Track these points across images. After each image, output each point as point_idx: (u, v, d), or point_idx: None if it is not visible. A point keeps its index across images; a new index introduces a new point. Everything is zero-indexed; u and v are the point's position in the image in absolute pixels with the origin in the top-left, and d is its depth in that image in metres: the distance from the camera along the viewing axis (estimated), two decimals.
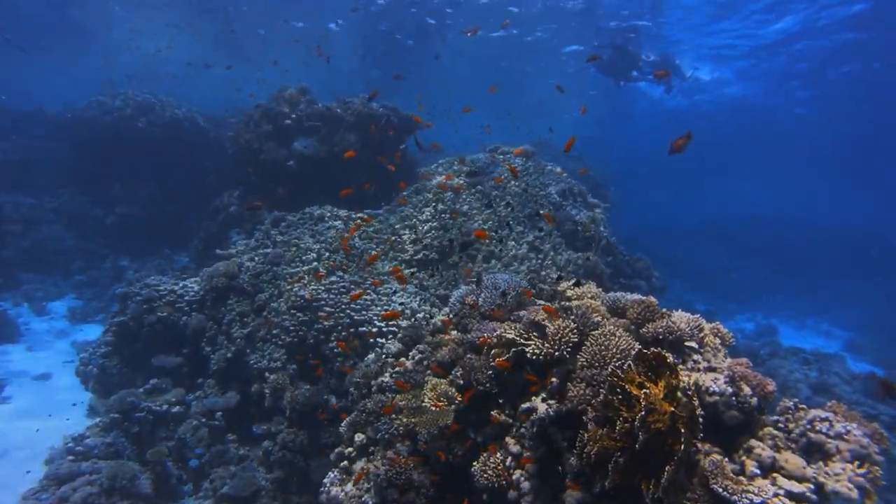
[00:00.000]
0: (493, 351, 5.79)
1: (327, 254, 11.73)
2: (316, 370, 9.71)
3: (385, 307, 10.48)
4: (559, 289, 7.59)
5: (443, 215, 12.65)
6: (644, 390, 4.34)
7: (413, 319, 10.49)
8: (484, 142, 16.01)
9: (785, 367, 15.92)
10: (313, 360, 9.94)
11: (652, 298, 6.01)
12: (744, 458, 5.09)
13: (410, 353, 7.31)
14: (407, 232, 12.52)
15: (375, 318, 10.23)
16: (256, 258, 11.76)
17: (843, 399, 14.11)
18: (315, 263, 11.45)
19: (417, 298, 11.04)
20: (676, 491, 4.51)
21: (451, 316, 8.52)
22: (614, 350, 5.39)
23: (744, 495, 4.35)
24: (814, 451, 5.22)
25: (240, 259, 11.91)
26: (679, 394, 4.53)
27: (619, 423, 4.41)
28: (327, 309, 10.29)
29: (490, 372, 5.69)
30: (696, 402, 4.38)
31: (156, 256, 16.83)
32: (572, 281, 7.41)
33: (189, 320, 11.05)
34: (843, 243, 32.78)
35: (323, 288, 10.69)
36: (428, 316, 10.68)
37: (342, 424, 6.96)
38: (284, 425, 9.80)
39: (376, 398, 6.73)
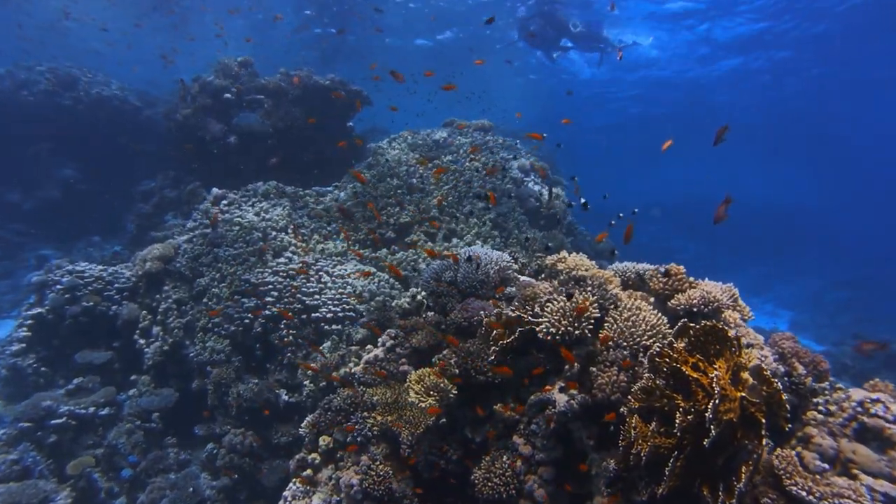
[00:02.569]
0: (494, 332, 4.62)
1: (274, 233, 10.36)
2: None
3: (340, 289, 9.24)
4: (548, 262, 6.50)
5: (398, 191, 11.43)
6: (714, 372, 3.26)
7: (372, 303, 9.28)
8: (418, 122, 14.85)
9: None
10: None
11: (678, 266, 4.96)
12: (799, 448, 4.10)
13: (380, 340, 6.09)
14: (360, 209, 11.25)
15: (330, 301, 8.98)
16: (195, 239, 10.30)
17: None
18: (261, 243, 10.08)
19: (375, 280, 9.81)
20: (747, 495, 3.48)
21: (421, 295, 7.34)
22: (644, 326, 4.32)
23: (837, 501, 3.33)
24: (869, 439, 4.26)
25: (176, 241, 10.42)
26: (746, 375, 3.49)
27: (679, 414, 3.33)
28: (274, 293, 8.99)
29: (492, 358, 4.52)
30: (778, 385, 3.33)
31: (84, 244, 14.97)
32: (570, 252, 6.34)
33: (119, 310, 9.54)
34: (777, 222, 32.97)
35: (269, 271, 9.36)
36: (388, 298, 9.48)
37: (302, 425, 5.69)
38: (230, 425, 8.46)
39: (343, 394, 5.48)
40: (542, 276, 6.70)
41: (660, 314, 4.47)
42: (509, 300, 6.10)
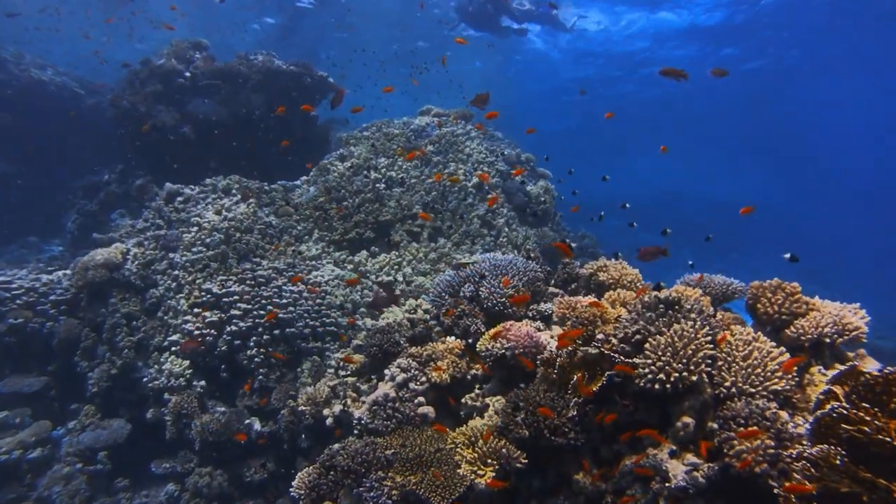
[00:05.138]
0: (575, 376, 3.36)
1: (238, 234, 8.91)
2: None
3: (318, 299, 7.87)
4: (585, 271, 5.29)
5: (377, 185, 10.08)
6: None
7: (356, 316, 7.95)
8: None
9: None
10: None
11: (793, 284, 3.78)
12: None
13: (389, 372, 4.75)
14: (334, 205, 9.87)
15: (306, 314, 7.62)
16: (146, 242, 8.76)
17: None
18: (223, 247, 8.62)
19: (358, 287, 8.47)
20: None
21: (422, 309, 6.06)
22: (771, 365, 3.13)
23: None
24: None
25: (125, 244, 8.86)
26: None
27: None
28: (243, 306, 7.57)
29: (573, 413, 3.26)
30: None
31: (17, 245, 13.11)
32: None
33: (56, 327, 7.92)
34: (739, 218, 32.38)
35: (235, 278, 7.93)
36: (374, 310, 8.15)
37: (294, 486, 4.33)
38: (194, 462, 7.02)
39: (353, 446, 4.12)
40: (574, 286, 5.49)
41: (782, 348, 3.30)
42: (544, 319, 4.87)
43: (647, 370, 3.10)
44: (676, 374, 3.01)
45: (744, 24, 21.44)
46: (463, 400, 4.27)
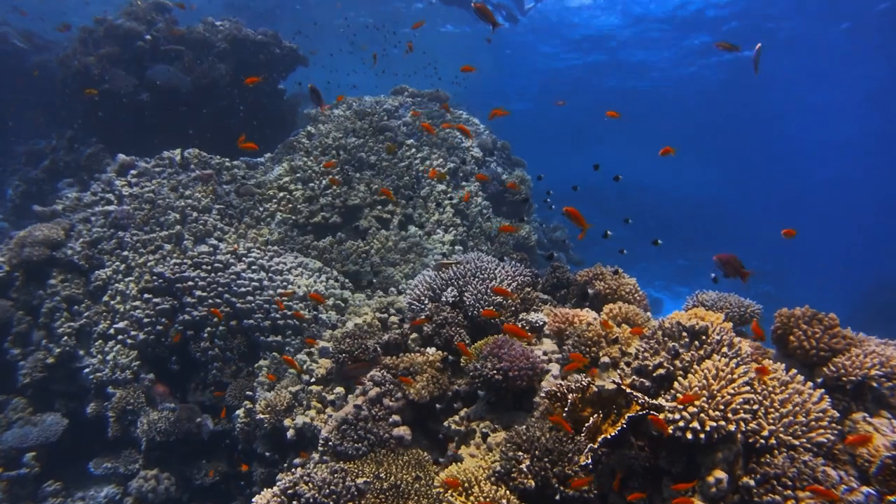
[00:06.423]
0: (591, 417, 2.84)
1: (195, 214, 8.20)
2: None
3: (279, 288, 7.25)
4: (580, 277, 4.81)
5: (346, 167, 9.44)
6: None
7: (320, 309, 7.34)
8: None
9: None
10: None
11: (830, 315, 3.32)
12: None
13: (360, 386, 4.19)
14: (300, 187, 9.21)
15: (266, 305, 7.00)
16: (94, 219, 7.97)
17: None
18: (178, 227, 7.91)
19: (323, 277, 7.86)
20: None
21: (393, 311, 5.51)
22: (815, 412, 2.69)
23: None
24: None
25: (69, 219, 8.04)
26: None
27: None
28: (198, 293, 6.91)
29: (587, 461, 2.75)
30: None
31: None
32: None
33: None
34: (701, 214, 32.52)
35: (190, 262, 7.25)
36: (340, 303, 7.56)
37: None
38: (139, 463, 6.38)
39: (319, 475, 3.55)
40: (564, 292, 5.01)
41: (822, 391, 2.86)
42: (535, 331, 4.38)
43: (677, 415, 2.61)
44: (713, 424, 2.53)
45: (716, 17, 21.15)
46: (446, 423, 3.76)
